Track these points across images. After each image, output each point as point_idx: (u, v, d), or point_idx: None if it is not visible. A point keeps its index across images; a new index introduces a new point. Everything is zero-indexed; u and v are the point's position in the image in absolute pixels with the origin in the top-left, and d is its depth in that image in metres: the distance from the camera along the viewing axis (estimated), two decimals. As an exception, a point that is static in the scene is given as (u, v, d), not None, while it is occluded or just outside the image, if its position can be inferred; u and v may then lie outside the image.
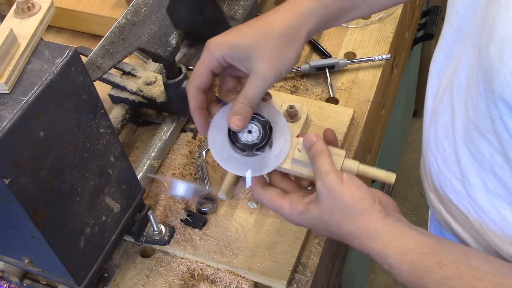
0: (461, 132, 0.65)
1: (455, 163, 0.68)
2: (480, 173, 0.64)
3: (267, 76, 0.66)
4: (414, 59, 1.94)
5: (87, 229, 0.73)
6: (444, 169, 0.70)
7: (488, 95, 0.57)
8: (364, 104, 1.04)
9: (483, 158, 0.62)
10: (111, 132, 0.73)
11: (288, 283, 0.81)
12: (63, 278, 0.75)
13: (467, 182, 0.66)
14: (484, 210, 0.66)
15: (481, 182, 0.64)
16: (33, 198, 0.63)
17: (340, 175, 0.64)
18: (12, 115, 0.58)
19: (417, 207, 2.27)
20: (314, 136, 0.68)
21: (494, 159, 0.61)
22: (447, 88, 0.68)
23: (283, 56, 0.67)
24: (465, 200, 0.68)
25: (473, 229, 0.69)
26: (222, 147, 0.70)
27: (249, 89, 0.66)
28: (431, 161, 0.73)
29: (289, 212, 0.67)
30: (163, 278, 0.84)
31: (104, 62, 0.80)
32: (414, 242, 0.60)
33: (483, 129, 0.60)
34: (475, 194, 0.66)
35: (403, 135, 2.31)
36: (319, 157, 0.66)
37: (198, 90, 0.70)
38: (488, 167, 0.62)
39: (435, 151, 0.72)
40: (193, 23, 1.05)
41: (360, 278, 1.72)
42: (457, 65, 0.65)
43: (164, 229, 0.86)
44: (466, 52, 0.63)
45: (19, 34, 0.63)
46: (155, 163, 0.91)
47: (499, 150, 0.60)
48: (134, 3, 0.85)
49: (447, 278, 0.57)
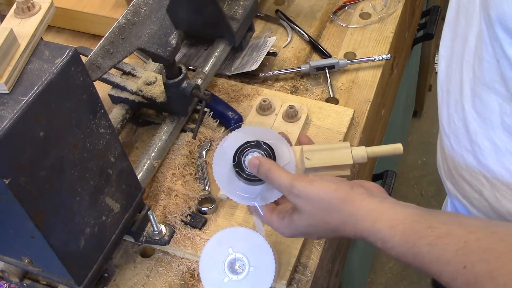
0: (468, 96, 0.66)
1: (465, 134, 0.68)
2: (489, 133, 0.65)
3: None
4: (414, 59, 1.94)
5: (87, 229, 0.73)
6: (456, 146, 0.71)
7: (493, 39, 0.58)
8: (364, 104, 1.04)
9: (491, 113, 0.63)
10: (111, 132, 0.73)
11: (288, 283, 0.81)
12: (63, 278, 0.75)
13: (478, 149, 0.67)
14: (497, 174, 0.66)
15: (491, 143, 0.65)
16: (33, 198, 0.63)
17: (305, 179, 0.65)
18: (12, 115, 0.58)
19: (417, 207, 2.27)
20: (254, 159, 0.69)
21: (503, 109, 0.62)
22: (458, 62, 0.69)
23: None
24: (477, 173, 0.69)
25: (487, 207, 0.69)
26: (229, 180, 0.71)
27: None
28: (445, 143, 0.74)
29: (279, 226, 0.69)
30: (163, 278, 0.84)
31: (104, 62, 0.80)
32: (403, 213, 0.60)
33: (489, 80, 0.61)
34: (486, 159, 0.66)
35: (403, 135, 2.31)
36: (272, 173, 0.67)
37: None
38: (497, 121, 0.63)
39: (448, 130, 0.73)
40: (193, 23, 1.06)
41: (360, 278, 1.72)
42: (466, 35, 0.67)
43: (164, 229, 0.86)
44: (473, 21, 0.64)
45: (19, 34, 0.63)
46: (155, 163, 0.91)
47: (507, 96, 0.61)
48: (134, 3, 0.85)
49: (439, 237, 0.57)
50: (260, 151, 0.70)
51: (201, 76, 1.00)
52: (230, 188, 0.71)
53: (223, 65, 1.09)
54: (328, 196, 0.63)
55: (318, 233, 0.67)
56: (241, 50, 1.10)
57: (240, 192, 0.71)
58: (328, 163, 0.71)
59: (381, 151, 0.72)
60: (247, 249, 0.76)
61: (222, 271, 0.75)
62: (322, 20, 1.20)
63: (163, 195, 0.91)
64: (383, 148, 0.72)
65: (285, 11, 1.21)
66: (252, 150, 0.70)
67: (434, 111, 2.54)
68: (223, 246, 0.76)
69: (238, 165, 0.70)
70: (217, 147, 0.72)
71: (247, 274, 0.75)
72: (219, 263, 0.76)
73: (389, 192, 1.22)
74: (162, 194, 0.91)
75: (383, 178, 1.27)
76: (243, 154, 0.71)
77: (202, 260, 0.77)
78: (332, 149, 0.72)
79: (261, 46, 1.10)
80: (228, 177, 0.71)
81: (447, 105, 0.73)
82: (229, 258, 0.76)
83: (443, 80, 0.76)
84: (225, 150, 0.71)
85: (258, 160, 0.68)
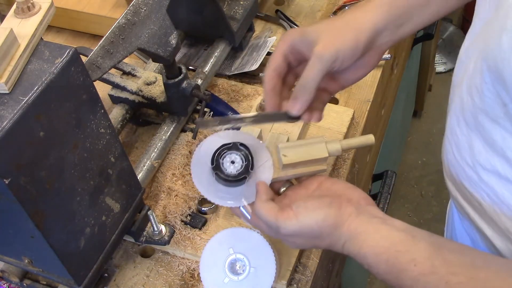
0: (471, 119, 0.66)
1: (467, 149, 0.68)
2: (492, 158, 0.65)
3: (322, 55, 0.67)
4: (414, 59, 1.94)
5: (87, 229, 0.73)
6: (458, 156, 0.71)
7: (496, 83, 0.58)
8: (364, 104, 1.04)
9: (494, 143, 0.63)
10: (111, 132, 0.73)
11: (288, 283, 0.81)
12: (63, 278, 0.75)
13: (480, 167, 0.67)
14: (498, 194, 0.66)
15: (493, 167, 0.65)
16: (33, 198, 0.63)
17: (289, 214, 0.65)
18: (12, 115, 0.58)
19: (417, 207, 2.27)
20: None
21: (506, 143, 0.61)
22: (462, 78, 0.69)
23: (340, 38, 0.68)
24: (477, 186, 0.69)
25: (488, 216, 0.69)
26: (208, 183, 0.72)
27: (306, 71, 0.68)
28: (447, 149, 0.74)
29: (266, 231, 0.69)
30: (163, 278, 0.84)
31: (104, 62, 0.80)
32: (388, 240, 0.61)
33: (493, 115, 0.61)
34: (488, 178, 0.66)
35: (403, 135, 2.31)
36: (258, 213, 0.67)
37: (274, 72, 0.72)
38: (500, 151, 0.63)
39: (450, 138, 0.73)
40: (193, 23, 1.05)
41: (360, 278, 1.72)
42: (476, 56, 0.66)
43: (164, 229, 0.86)
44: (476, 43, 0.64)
45: (19, 34, 0.63)
46: (155, 163, 0.91)
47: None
48: (134, 3, 0.85)
49: (422, 275, 0.58)
50: (237, 152, 0.71)
51: (201, 76, 1.00)
52: (211, 191, 0.71)
53: (223, 65, 1.09)
54: (317, 226, 0.64)
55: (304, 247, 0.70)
56: (241, 50, 1.10)
57: (222, 194, 0.71)
58: (304, 158, 0.72)
59: (354, 143, 0.75)
60: (247, 250, 0.76)
61: (223, 271, 0.75)
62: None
63: (163, 195, 0.91)
64: (357, 140, 0.75)
65: (285, 11, 1.21)
66: (229, 152, 0.71)
67: (434, 111, 2.54)
68: (223, 246, 0.76)
69: (217, 167, 0.70)
70: (194, 153, 0.73)
71: (248, 274, 0.75)
72: (220, 263, 0.76)
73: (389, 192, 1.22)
74: (162, 194, 0.91)
75: (383, 178, 1.26)
76: (221, 157, 0.71)
77: (203, 260, 0.77)
78: (307, 144, 0.73)
79: (261, 46, 1.10)
80: (208, 181, 0.72)
81: (450, 114, 0.72)
82: (230, 259, 0.76)
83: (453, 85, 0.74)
84: (203, 154, 0.72)
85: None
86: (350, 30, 0.69)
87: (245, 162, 0.70)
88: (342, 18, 0.71)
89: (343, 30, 0.69)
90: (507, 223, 0.66)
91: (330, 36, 0.68)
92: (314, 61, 0.67)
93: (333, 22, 0.71)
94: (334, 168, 0.94)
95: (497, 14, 0.61)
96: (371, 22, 0.70)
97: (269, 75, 0.72)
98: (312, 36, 0.69)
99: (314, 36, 0.69)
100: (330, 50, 0.67)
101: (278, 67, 0.71)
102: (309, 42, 0.69)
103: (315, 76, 0.67)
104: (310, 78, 0.67)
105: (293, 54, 0.71)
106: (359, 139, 0.76)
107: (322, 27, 0.70)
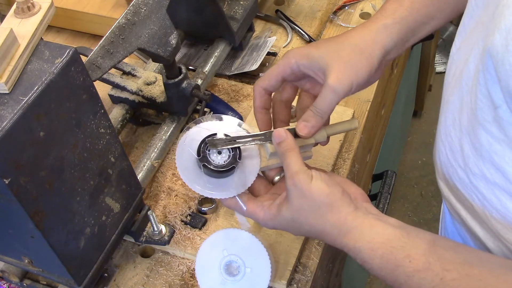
0: (466, 121, 0.66)
1: (459, 152, 0.68)
2: (478, 163, 0.65)
3: (337, 88, 0.68)
4: (414, 59, 1.94)
5: (87, 229, 0.73)
6: (451, 158, 0.71)
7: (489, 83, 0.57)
8: (364, 104, 1.04)
9: (481, 147, 0.63)
10: (111, 132, 0.73)
11: (288, 283, 0.81)
12: (63, 278, 0.75)
13: (469, 171, 0.67)
14: (487, 198, 0.66)
15: (480, 172, 0.65)
16: (33, 198, 0.63)
17: (309, 174, 0.65)
18: (12, 115, 0.58)
19: (417, 207, 2.27)
20: (283, 132, 0.69)
21: (493, 148, 0.61)
22: (458, 77, 0.69)
23: (354, 68, 0.69)
24: (469, 189, 0.69)
25: (479, 217, 0.69)
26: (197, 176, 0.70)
27: (320, 99, 0.69)
28: (440, 150, 0.74)
29: (263, 217, 0.69)
30: (163, 278, 0.84)
31: (104, 62, 0.80)
32: (384, 235, 0.62)
33: (481, 118, 0.61)
34: (477, 183, 0.66)
35: (403, 135, 2.31)
36: (289, 155, 0.67)
37: (264, 91, 0.73)
38: (487, 156, 0.63)
39: (444, 139, 0.73)
40: (193, 23, 1.06)
41: (360, 278, 1.72)
42: (469, 55, 0.66)
43: (164, 229, 0.86)
44: (477, 43, 0.64)
45: (19, 34, 0.63)
46: (155, 163, 0.91)
47: (499, 137, 0.60)
48: (134, 3, 0.85)
49: (417, 271, 0.59)
50: None
51: (201, 76, 1.00)
52: (199, 184, 0.70)
53: (223, 65, 1.09)
54: (319, 199, 0.64)
55: (299, 230, 0.68)
56: (241, 50, 1.10)
57: (211, 185, 0.70)
58: None
59: (339, 128, 0.76)
60: (241, 250, 0.76)
61: (219, 273, 0.75)
62: (322, 20, 1.20)
63: (163, 195, 0.91)
64: (340, 125, 0.76)
65: (285, 11, 1.21)
66: None
67: (434, 111, 2.54)
68: (217, 248, 0.76)
69: (204, 159, 0.69)
70: (177, 146, 0.71)
71: (244, 275, 0.75)
72: (215, 265, 0.75)
73: (389, 192, 1.22)
74: (162, 194, 0.91)
75: (383, 178, 1.27)
76: (206, 148, 0.69)
77: (198, 264, 0.76)
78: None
79: (261, 46, 1.10)
80: (194, 173, 0.70)
81: (445, 115, 0.72)
82: (225, 261, 0.76)
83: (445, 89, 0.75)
84: (187, 146, 0.70)
85: (286, 135, 0.68)
86: (363, 59, 0.69)
87: (232, 152, 0.69)
88: (350, 40, 0.71)
89: (356, 60, 0.69)
90: (497, 226, 0.66)
91: (342, 67, 0.68)
92: (328, 93, 0.68)
93: (341, 45, 0.70)
94: (334, 168, 0.94)
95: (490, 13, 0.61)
96: (381, 45, 0.71)
97: (260, 92, 0.73)
98: (321, 63, 0.69)
99: (323, 63, 0.69)
100: (345, 84, 0.68)
101: (270, 87, 0.73)
102: (318, 68, 0.69)
103: (329, 105, 0.69)
104: (324, 107, 0.69)
105: (295, 74, 0.72)
106: (343, 124, 0.76)
107: (330, 52, 0.69)
